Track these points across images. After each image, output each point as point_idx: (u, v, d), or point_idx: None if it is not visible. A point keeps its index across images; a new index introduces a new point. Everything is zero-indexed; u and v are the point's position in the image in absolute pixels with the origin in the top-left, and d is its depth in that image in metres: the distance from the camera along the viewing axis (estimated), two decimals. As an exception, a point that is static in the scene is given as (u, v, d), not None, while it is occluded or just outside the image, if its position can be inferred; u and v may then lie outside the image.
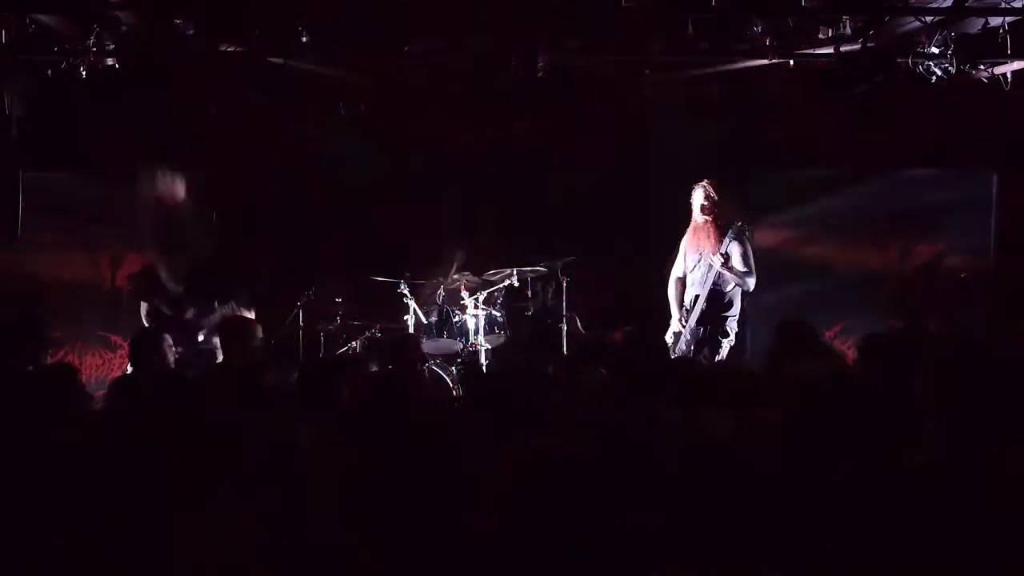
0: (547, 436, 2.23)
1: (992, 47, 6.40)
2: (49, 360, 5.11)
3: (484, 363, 7.48)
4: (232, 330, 5.38)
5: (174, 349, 5.16)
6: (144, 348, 5.01)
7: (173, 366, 5.07)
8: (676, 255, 6.78)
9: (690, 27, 6.69)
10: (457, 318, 7.62)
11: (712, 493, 2.91)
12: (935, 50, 6.38)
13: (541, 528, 2.18)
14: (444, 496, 2.74)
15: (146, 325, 6.21)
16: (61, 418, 3.33)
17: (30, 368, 4.64)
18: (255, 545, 2.44)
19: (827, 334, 7.27)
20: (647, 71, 7.18)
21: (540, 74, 6.30)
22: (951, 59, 6.35)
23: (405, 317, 7.62)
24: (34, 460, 2.63)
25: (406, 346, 5.72)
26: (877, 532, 2.44)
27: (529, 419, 3.33)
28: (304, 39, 6.67)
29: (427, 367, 6.78)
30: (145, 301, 6.34)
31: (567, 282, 7.87)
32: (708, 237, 6.58)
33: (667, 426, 3.43)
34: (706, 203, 6.60)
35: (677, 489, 2.91)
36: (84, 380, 6.85)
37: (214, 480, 2.66)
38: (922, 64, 6.49)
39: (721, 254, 6.44)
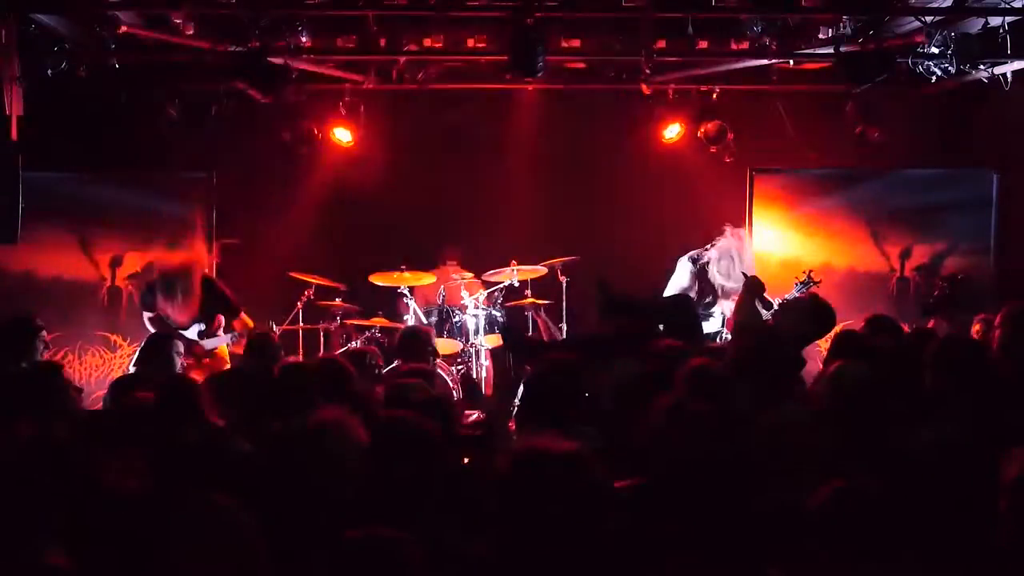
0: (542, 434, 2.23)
1: (992, 47, 6.39)
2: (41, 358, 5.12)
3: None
4: (255, 344, 5.39)
5: (182, 355, 5.27)
6: (154, 350, 5.11)
7: (179, 370, 5.12)
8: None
9: (690, 27, 6.69)
10: (457, 318, 7.62)
11: (711, 491, 2.90)
12: (935, 50, 6.37)
13: (537, 527, 2.17)
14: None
15: (151, 330, 6.25)
16: (45, 416, 3.33)
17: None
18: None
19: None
20: (647, 71, 7.16)
21: (539, 74, 6.28)
22: (951, 59, 6.34)
23: (405, 317, 7.62)
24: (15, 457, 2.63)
25: (417, 339, 5.64)
26: (878, 529, 2.44)
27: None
28: (304, 39, 6.67)
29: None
30: (148, 311, 6.41)
31: (567, 282, 7.85)
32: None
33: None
34: None
35: (676, 487, 2.91)
36: (83, 380, 6.97)
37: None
38: (922, 64, 6.49)
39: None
